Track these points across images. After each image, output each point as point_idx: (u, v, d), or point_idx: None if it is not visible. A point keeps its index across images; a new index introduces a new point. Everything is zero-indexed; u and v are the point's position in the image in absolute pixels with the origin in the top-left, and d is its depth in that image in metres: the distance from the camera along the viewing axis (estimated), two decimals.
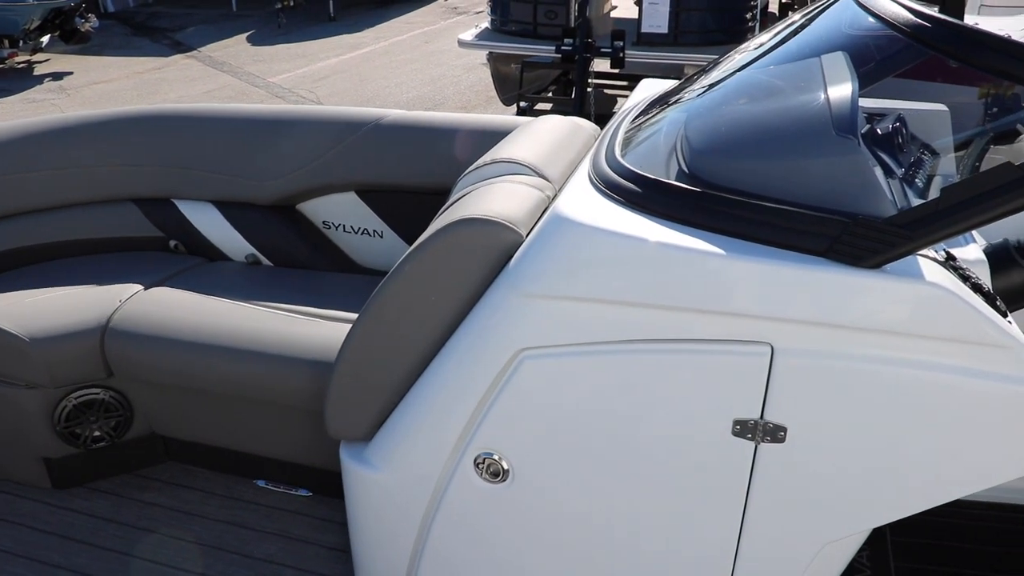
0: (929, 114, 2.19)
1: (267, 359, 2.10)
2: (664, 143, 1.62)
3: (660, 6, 6.26)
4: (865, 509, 1.45)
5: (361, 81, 9.43)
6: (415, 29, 12.53)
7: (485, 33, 7.02)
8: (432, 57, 10.67)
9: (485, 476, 1.65)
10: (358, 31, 12.41)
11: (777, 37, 1.90)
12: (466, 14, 13.66)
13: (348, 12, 13.79)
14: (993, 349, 1.32)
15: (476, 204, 1.66)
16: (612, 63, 5.75)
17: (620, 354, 1.43)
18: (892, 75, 2.11)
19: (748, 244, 1.35)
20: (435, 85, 9.28)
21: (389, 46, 11.35)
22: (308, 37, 11.97)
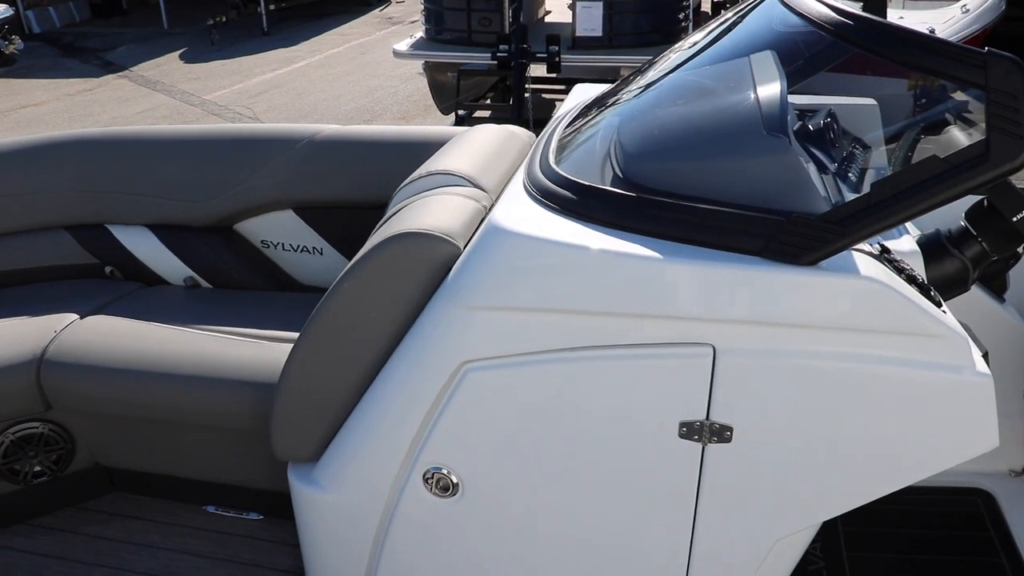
0: (859, 108, 2.23)
1: (209, 383, 2.07)
2: (598, 148, 1.63)
3: (594, 10, 6.32)
4: (814, 503, 1.47)
5: (298, 95, 9.35)
6: (350, 41, 12.46)
7: (420, 42, 7.02)
8: (369, 68, 10.62)
9: (435, 491, 1.64)
10: (293, 45, 12.31)
11: (707, 38, 1.92)
12: (401, 23, 13.63)
13: (282, 26, 13.67)
14: (929, 339, 1.35)
15: (412, 218, 1.66)
16: (548, 68, 5.78)
17: (562, 362, 1.44)
18: (820, 72, 2.16)
19: (684, 247, 1.36)
20: (373, 96, 9.24)
21: (325, 59, 11.28)
22: (242, 52, 11.84)
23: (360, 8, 15.11)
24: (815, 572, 2.16)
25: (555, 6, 8.83)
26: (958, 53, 1.22)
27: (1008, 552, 2.22)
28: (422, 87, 8.71)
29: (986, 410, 1.37)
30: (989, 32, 7.54)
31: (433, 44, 6.94)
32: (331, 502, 1.76)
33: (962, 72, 1.22)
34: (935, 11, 7.73)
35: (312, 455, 1.80)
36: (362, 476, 1.70)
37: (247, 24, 13.62)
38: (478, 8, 6.68)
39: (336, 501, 1.75)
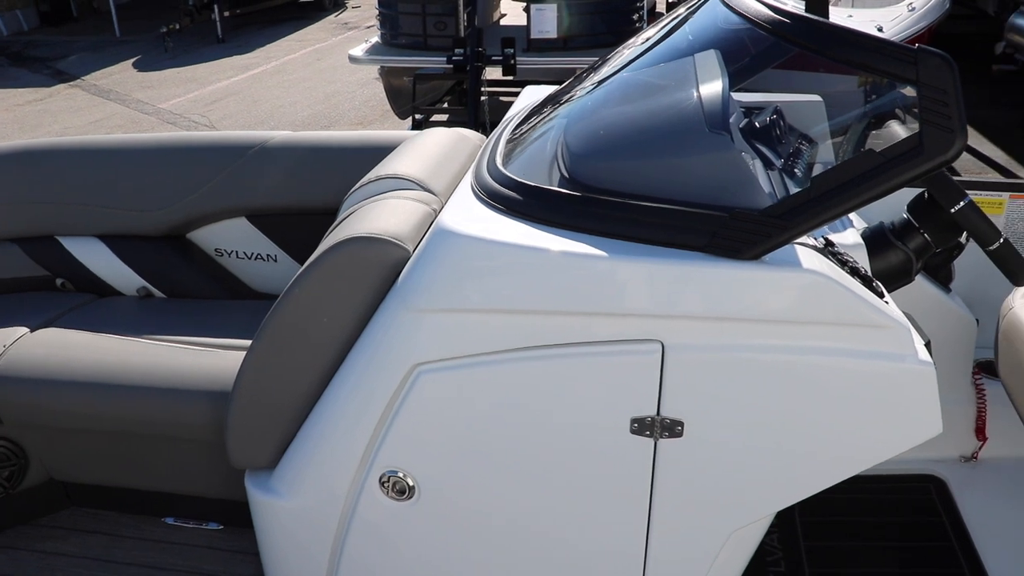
0: (805, 105, 2.27)
1: (163, 393, 2.05)
2: (545, 149, 1.64)
3: (548, 12, 6.34)
4: (767, 494, 1.50)
5: (254, 102, 9.28)
6: (306, 47, 12.39)
7: (376, 47, 7.00)
8: (325, 74, 10.57)
9: (391, 494, 1.65)
10: (248, 52, 12.21)
11: (653, 38, 1.95)
12: (357, 29, 13.58)
13: (237, 33, 13.56)
14: (872, 330, 1.38)
15: (361, 222, 1.66)
16: (504, 70, 5.80)
17: (514, 362, 1.45)
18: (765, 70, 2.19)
19: (630, 244, 1.38)
20: (330, 102, 9.19)
21: (281, 65, 11.20)
22: (197, 60, 11.73)
23: (316, 14, 15.03)
24: (773, 563, 2.19)
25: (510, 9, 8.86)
26: (891, 50, 1.25)
27: (959, 536, 2.27)
28: (379, 92, 8.70)
29: (929, 397, 1.41)
30: (934, 30, 7.69)
31: (389, 49, 6.93)
32: (289, 508, 1.75)
33: (895, 68, 1.25)
34: (883, 10, 7.87)
35: (268, 462, 1.79)
36: (319, 481, 1.70)
37: (201, 31, 13.48)
38: (433, 12, 6.68)
39: (294, 507, 1.75)
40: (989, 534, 2.27)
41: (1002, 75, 9.89)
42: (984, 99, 9.56)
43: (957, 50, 11.90)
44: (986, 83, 10.22)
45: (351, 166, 2.47)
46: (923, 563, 2.19)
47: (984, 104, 9.34)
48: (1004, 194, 2.63)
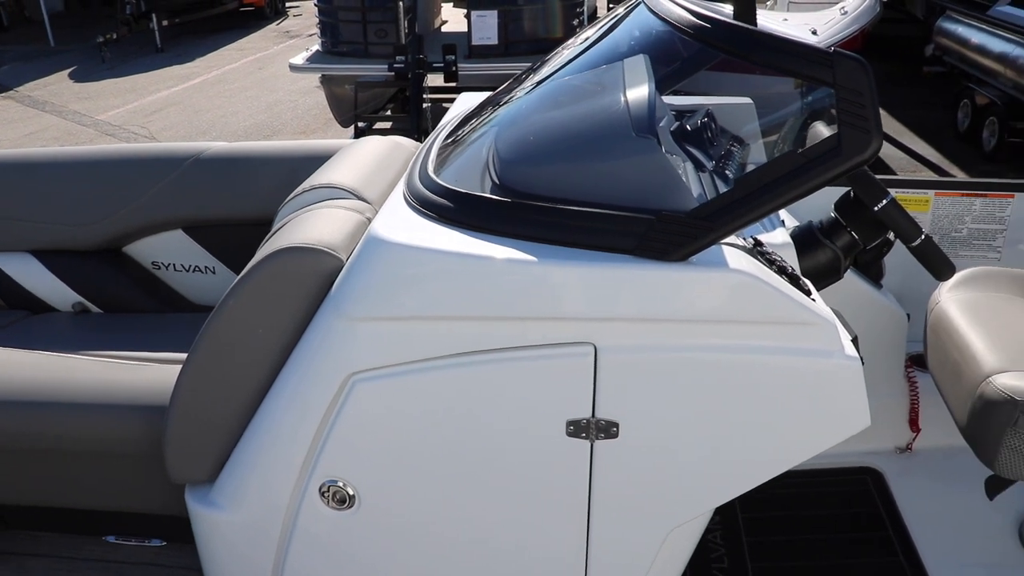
0: (735, 107, 2.31)
1: (100, 410, 2.02)
2: (476, 156, 1.66)
3: (488, 18, 6.37)
4: (703, 491, 1.52)
5: (195, 112, 9.17)
6: (248, 56, 12.27)
7: (316, 56, 6.96)
8: (267, 83, 10.48)
9: (332, 504, 1.64)
10: (189, 61, 12.06)
11: (585, 43, 1.97)
12: (299, 37, 13.48)
13: (176, 42, 13.38)
14: (800, 327, 1.41)
15: (294, 232, 1.65)
16: (445, 77, 5.81)
17: (449, 368, 1.45)
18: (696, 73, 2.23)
19: (561, 249, 1.39)
20: (272, 111, 9.12)
21: (222, 75, 11.08)
22: (136, 70, 11.55)
23: (257, 22, 14.90)
24: (716, 559, 2.23)
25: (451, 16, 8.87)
26: (808, 53, 1.28)
27: (895, 525, 2.33)
28: (322, 101, 8.65)
29: (857, 391, 1.44)
30: (867, 33, 7.87)
31: (330, 57, 6.90)
32: (230, 522, 1.74)
33: (812, 71, 1.28)
34: (816, 13, 8.03)
35: (208, 476, 1.78)
36: (259, 494, 1.69)
37: (139, 41, 13.27)
38: (374, 20, 6.67)
39: (235, 520, 1.73)
40: (923, 522, 2.33)
41: (932, 77, 10.16)
42: (916, 100, 9.80)
43: (889, 52, 12.20)
44: (917, 85, 10.49)
45: (288, 176, 2.46)
46: (861, 553, 2.24)
47: (916, 105, 9.58)
48: (930, 191, 2.71)
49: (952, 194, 2.72)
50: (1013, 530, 2.30)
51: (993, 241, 2.78)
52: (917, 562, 2.19)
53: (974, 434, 1.90)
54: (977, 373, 1.91)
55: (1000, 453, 1.83)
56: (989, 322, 2.06)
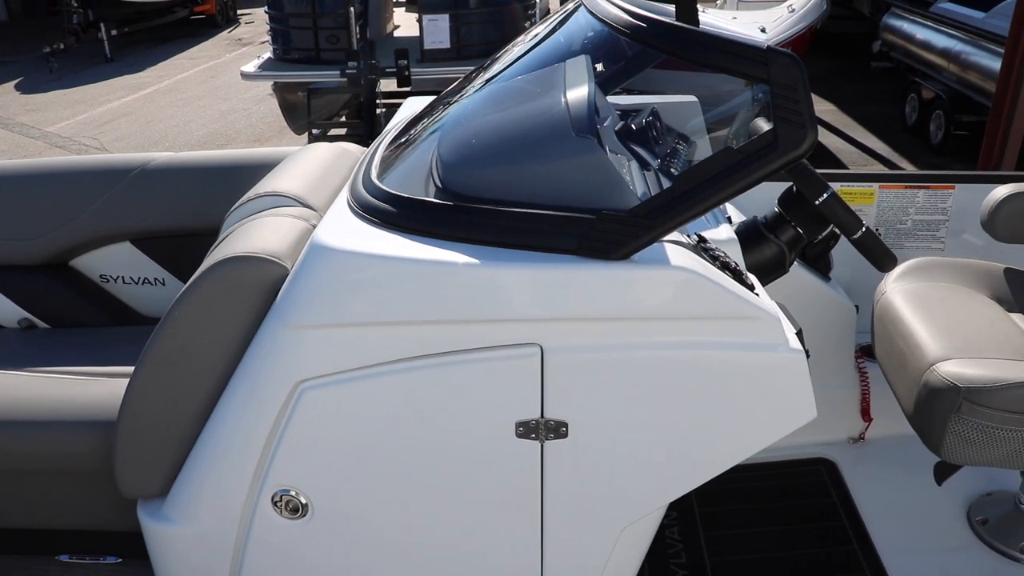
0: (680, 105, 2.33)
1: (48, 427, 1.98)
2: (419, 161, 1.65)
3: (440, 22, 6.36)
4: (654, 488, 1.53)
5: (147, 123, 9.05)
6: (200, 64, 12.14)
7: (268, 63, 6.91)
8: (220, 91, 10.38)
9: (285, 513, 1.63)
10: (139, 71, 11.90)
11: (528, 45, 1.97)
12: (252, 44, 13.37)
13: (126, 52, 13.19)
14: (744, 321, 1.43)
15: (238, 242, 1.64)
16: (398, 82, 5.79)
17: (396, 374, 1.45)
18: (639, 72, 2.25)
19: (504, 251, 1.40)
20: (226, 120, 9.03)
21: (174, 84, 10.95)
22: (85, 81, 11.37)
23: (208, 30, 14.75)
24: (674, 555, 2.24)
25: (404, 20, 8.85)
26: (743, 51, 1.30)
27: (849, 514, 2.36)
28: (276, 108, 8.58)
29: (802, 384, 1.46)
30: (815, 30, 7.99)
31: (281, 64, 6.84)
32: (184, 535, 1.72)
33: (748, 68, 1.30)
34: (765, 12, 8.14)
35: (160, 490, 1.76)
36: (212, 505, 1.67)
37: (88, 51, 13.07)
38: (325, 26, 6.63)
39: (189, 534, 1.71)
40: (876, 510, 2.37)
41: (880, 72, 10.34)
42: (865, 95, 9.97)
43: (838, 49, 12.39)
44: (866, 80, 10.67)
45: (235, 185, 2.44)
46: (816, 543, 2.27)
47: (866, 100, 9.74)
48: (874, 184, 2.76)
49: (896, 187, 2.77)
50: (962, 514, 2.35)
51: (936, 232, 2.84)
52: (871, 550, 2.23)
53: (920, 422, 1.94)
54: (921, 362, 1.95)
55: (945, 439, 1.86)
56: (933, 311, 2.11)
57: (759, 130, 1.89)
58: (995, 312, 2.13)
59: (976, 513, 2.33)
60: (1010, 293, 2.24)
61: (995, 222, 2.31)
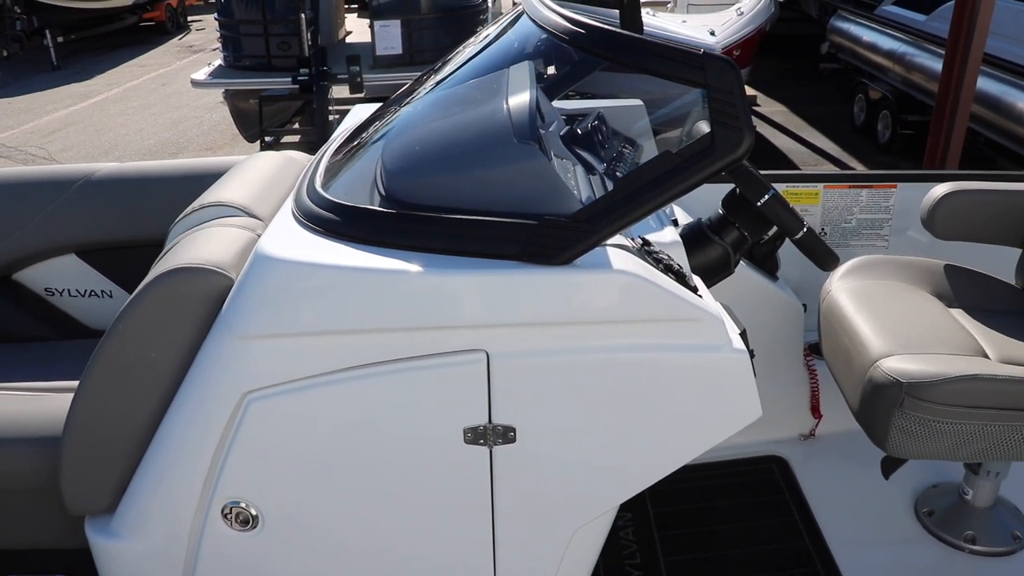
0: (626, 109, 2.35)
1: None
2: (364, 169, 1.65)
3: (392, 28, 6.35)
4: (603, 490, 1.54)
5: (97, 132, 8.91)
6: (150, 72, 11.98)
7: (219, 70, 6.84)
8: (171, 99, 10.25)
9: (235, 526, 1.62)
10: (87, 79, 11.71)
11: (473, 51, 1.98)
12: (203, 51, 13.22)
13: (73, 59, 12.97)
14: (687, 323, 1.44)
15: (182, 253, 1.63)
16: (351, 88, 5.77)
17: (343, 382, 1.45)
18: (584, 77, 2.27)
19: (448, 258, 1.40)
20: (177, 128, 8.92)
21: (123, 92, 10.79)
22: (31, 89, 11.16)
23: (158, 37, 14.56)
24: (628, 555, 2.26)
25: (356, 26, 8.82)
26: (679, 56, 1.32)
27: (800, 510, 2.40)
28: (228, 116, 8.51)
29: (746, 384, 1.48)
30: (764, 32, 8.11)
31: (232, 71, 6.78)
32: (133, 551, 1.70)
33: (685, 73, 1.32)
34: (714, 15, 8.25)
35: (108, 506, 1.73)
36: (161, 520, 1.65)
37: (33, 58, 12.82)
38: (276, 33, 6.59)
39: (138, 549, 1.69)
40: (826, 505, 2.41)
41: (828, 73, 10.52)
42: (814, 96, 10.13)
43: (788, 51, 12.58)
44: (815, 81, 10.84)
45: (181, 195, 2.42)
46: (769, 539, 2.30)
47: (815, 101, 9.89)
48: (819, 185, 2.81)
49: (840, 186, 2.82)
50: (910, 506, 2.40)
51: (880, 230, 2.89)
52: (822, 544, 2.26)
53: (866, 417, 1.97)
54: (865, 358, 1.99)
55: (890, 434, 1.90)
56: (876, 308, 2.15)
57: (700, 133, 1.91)
58: (936, 308, 2.18)
59: (923, 505, 2.38)
60: (950, 289, 2.30)
61: (934, 220, 2.36)
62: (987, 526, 2.27)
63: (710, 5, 8.86)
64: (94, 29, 13.73)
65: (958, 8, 4.45)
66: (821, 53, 10.31)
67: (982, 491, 2.28)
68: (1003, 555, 2.22)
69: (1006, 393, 1.84)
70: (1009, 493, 2.42)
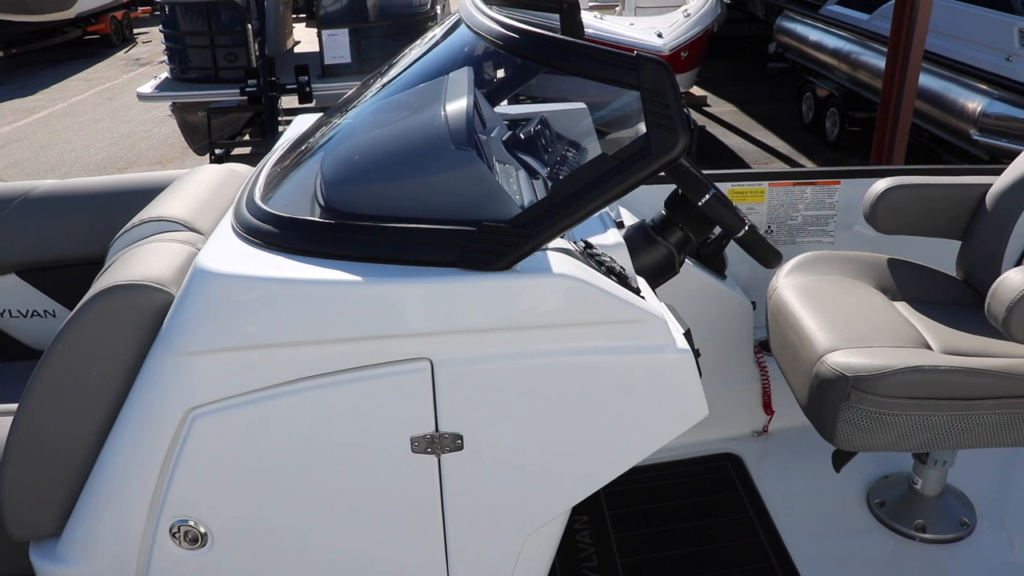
0: (569, 112, 2.35)
1: None
2: (303, 180, 1.64)
3: (340, 37, 6.32)
4: (553, 495, 1.54)
5: (42, 148, 8.74)
6: (96, 86, 11.78)
7: (166, 83, 6.75)
8: (118, 113, 10.09)
9: (184, 544, 1.59)
10: (31, 94, 11.48)
11: (413, 58, 1.97)
12: (150, 64, 13.04)
13: (15, 74, 12.71)
14: (629, 325, 1.45)
15: (121, 270, 1.60)
16: (300, 98, 5.73)
17: (287, 396, 1.43)
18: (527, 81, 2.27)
19: (388, 267, 1.39)
20: (125, 143, 8.79)
21: (69, 107, 10.60)
22: None
23: (103, 51, 14.33)
24: (585, 558, 2.26)
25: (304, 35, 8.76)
26: (613, 59, 1.32)
27: (755, 506, 2.42)
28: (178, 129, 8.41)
29: (691, 383, 1.49)
30: (711, 33, 8.20)
31: (179, 84, 6.70)
32: (81, 575, 1.66)
33: (619, 76, 1.32)
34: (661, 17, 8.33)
35: (52, 530, 1.69)
36: (109, 541, 1.62)
37: None
38: (223, 44, 6.52)
39: (86, 573, 1.66)
40: (780, 500, 2.43)
41: (777, 72, 10.66)
42: (763, 95, 10.26)
43: (736, 51, 12.73)
44: (764, 81, 10.98)
45: (123, 210, 2.38)
46: (724, 536, 2.32)
47: (764, 100, 10.02)
48: (764, 183, 2.84)
49: (785, 184, 2.86)
50: (862, 498, 2.43)
51: (826, 226, 2.93)
52: (776, 540, 2.29)
53: (814, 412, 2.00)
54: (812, 354, 2.01)
55: (838, 428, 1.92)
56: (821, 304, 2.18)
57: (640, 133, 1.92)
58: (879, 301, 2.21)
59: (875, 496, 2.41)
60: (893, 283, 2.34)
61: (876, 215, 2.40)
62: (936, 514, 2.31)
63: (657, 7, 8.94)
64: (36, 43, 13.48)
65: (898, 7, 4.54)
66: (769, 53, 10.45)
67: (930, 480, 2.32)
68: (952, 542, 2.26)
69: (948, 383, 1.87)
70: (957, 481, 2.47)
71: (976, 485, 2.46)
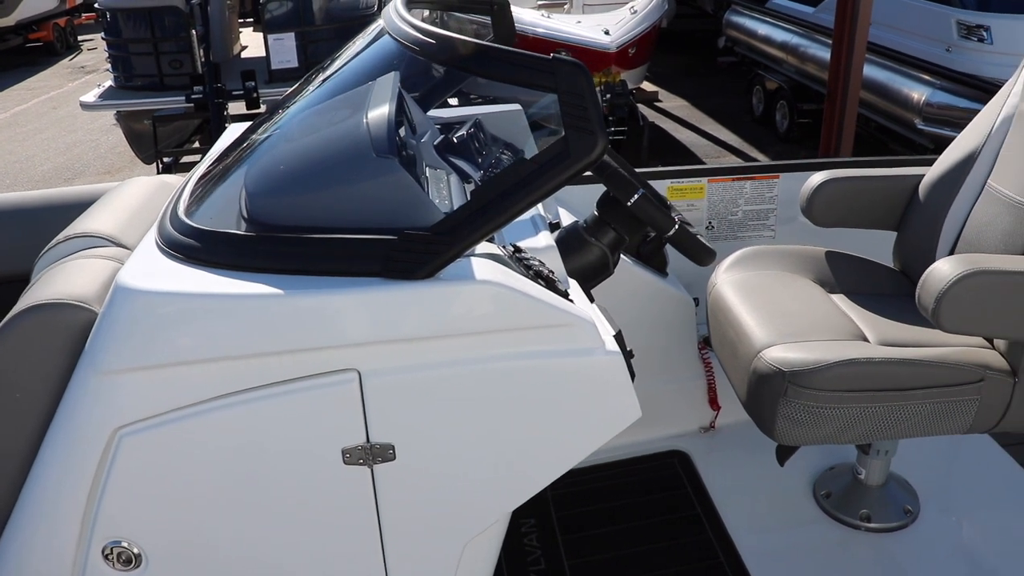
0: (505, 115, 2.34)
1: None
2: (229, 192, 1.62)
3: (286, 41, 6.26)
4: (489, 501, 1.53)
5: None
6: (40, 95, 11.56)
7: (110, 92, 6.64)
8: (64, 123, 9.91)
9: (118, 566, 1.56)
10: None
11: (340, 66, 1.95)
12: (96, 72, 12.82)
13: None
14: (556, 329, 1.44)
15: (44, 288, 1.57)
16: (247, 104, 5.67)
17: (215, 411, 1.41)
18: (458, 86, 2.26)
19: (311, 279, 1.37)
20: (71, 153, 8.64)
21: (11, 117, 10.39)
22: None
23: (47, 59, 14.05)
24: (533, 561, 2.26)
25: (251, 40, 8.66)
26: (529, 62, 1.31)
27: (702, 503, 2.43)
28: None
29: (622, 385, 1.49)
30: (659, 28, 8.25)
31: (124, 92, 6.59)
32: None
33: (537, 79, 1.31)
34: (608, 14, 8.36)
35: None
36: (40, 566, 1.59)
37: None
38: (167, 51, 6.43)
39: None
40: (727, 495, 2.45)
41: (727, 66, 10.76)
42: (714, 89, 10.35)
43: (686, 46, 12.83)
44: (714, 75, 11.07)
45: (50, 226, 2.32)
46: (672, 534, 2.33)
47: (715, 94, 10.10)
48: (703, 179, 2.86)
49: (724, 179, 2.88)
50: (809, 490, 2.46)
51: (767, 220, 2.96)
52: (724, 535, 2.30)
53: (754, 407, 2.01)
54: (749, 349, 2.03)
55: (777, 423, 1.94)
56: (759, 299, 2.19)
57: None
58: (817, 295, 2.23)
59: (820, 488, 2.44)
60: (831, 275, 2.36)
61: (812, 208, 2.43)
62: (880, 503, 2.34)
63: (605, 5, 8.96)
64: None
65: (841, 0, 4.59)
66: (719, 47, 10.54)
67: (873, 470, 2.35)
68: (896, 530, 2.29)
69: (883, 375, 1.89)
70: (901, 469, 2.50)
71: (919, 472, 2.49)
